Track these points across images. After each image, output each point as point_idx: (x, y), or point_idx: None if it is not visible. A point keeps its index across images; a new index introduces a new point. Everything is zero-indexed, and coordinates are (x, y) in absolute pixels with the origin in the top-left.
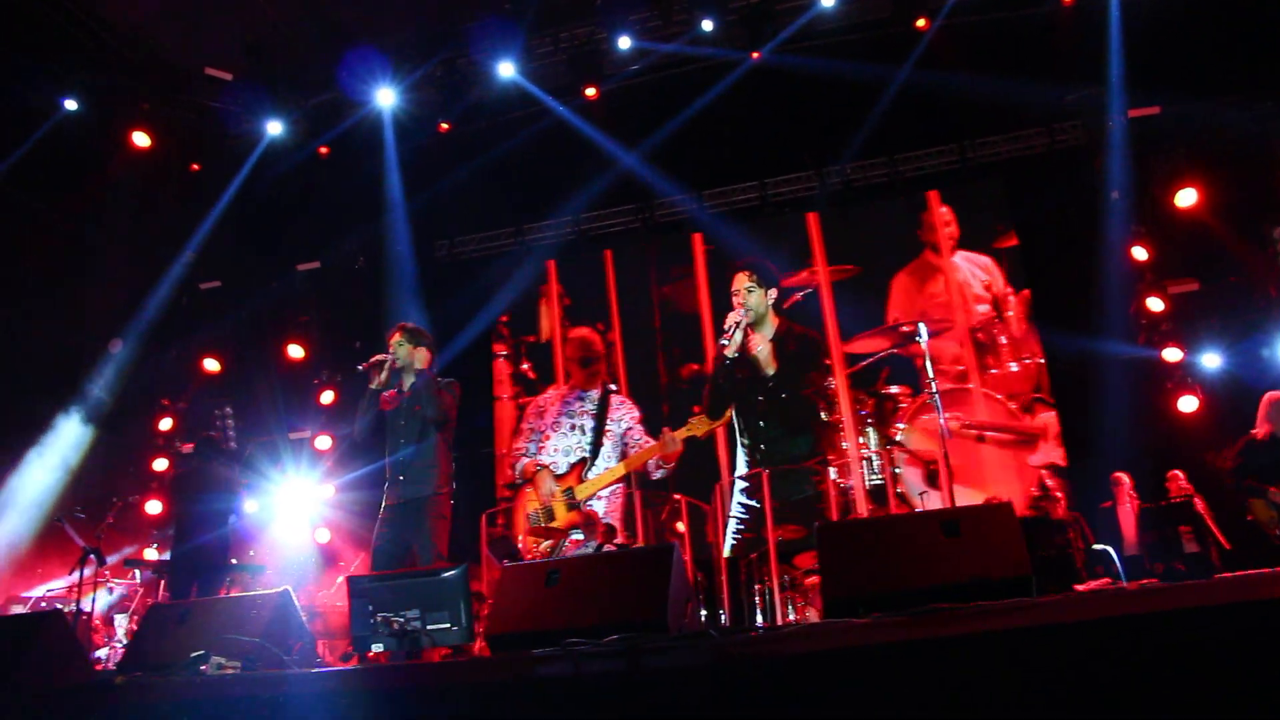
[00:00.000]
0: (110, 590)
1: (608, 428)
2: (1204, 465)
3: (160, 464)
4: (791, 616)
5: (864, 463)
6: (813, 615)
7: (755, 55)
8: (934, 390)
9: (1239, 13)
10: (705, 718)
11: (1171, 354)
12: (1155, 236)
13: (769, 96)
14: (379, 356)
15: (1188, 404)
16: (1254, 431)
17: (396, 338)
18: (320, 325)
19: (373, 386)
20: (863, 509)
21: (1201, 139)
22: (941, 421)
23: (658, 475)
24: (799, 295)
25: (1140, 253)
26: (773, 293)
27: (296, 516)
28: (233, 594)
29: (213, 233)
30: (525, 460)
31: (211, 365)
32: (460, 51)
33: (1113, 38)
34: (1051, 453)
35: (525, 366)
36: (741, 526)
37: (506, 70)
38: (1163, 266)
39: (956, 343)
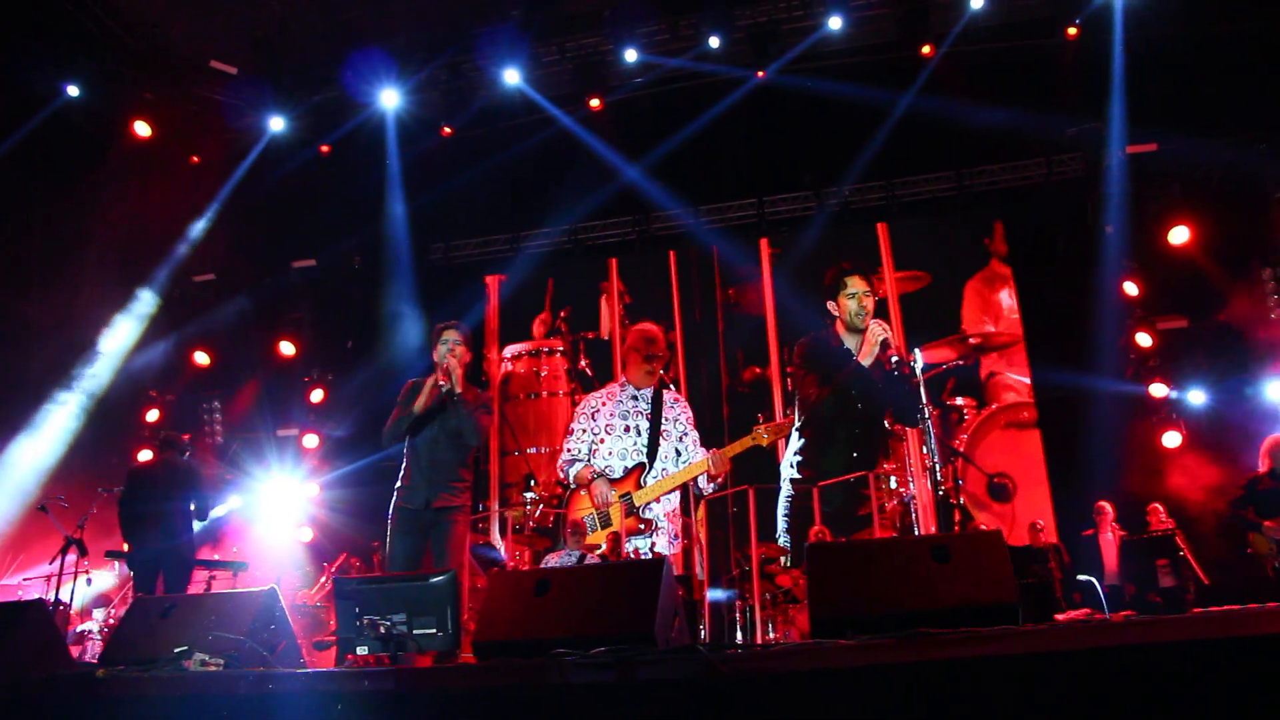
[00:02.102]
0: (89, 582)
1: (664, 428)
2: (1186, 499)
3: (145, 455)
4: (771, 635)
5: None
6: (794, 635)
7: (760, 74)
8: (926, 416)
9: (1238, 56)
10: None
11: (1158, 389)
12: (1147, 272)
13: (771, 115)
14: (448, 366)
15: (1171, 439)
16: (1259, 469)
17: (460, 338)
18: (313, 323)
19: (430, 384)
20: (925, 520)
21: (1196, 178)
22: (935, 448)
23: (709, 490)
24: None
25: (1131, 288)
26: None
27: (280, 514)
28: (214, 590)
29: (209, 226)
30: (579, 465)
31: (201, 359)
32: (466, 56)
33: (1115, 74)
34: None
35: (584, 364)
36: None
37: (512, 77)
38: (1153, 302)
39: None
